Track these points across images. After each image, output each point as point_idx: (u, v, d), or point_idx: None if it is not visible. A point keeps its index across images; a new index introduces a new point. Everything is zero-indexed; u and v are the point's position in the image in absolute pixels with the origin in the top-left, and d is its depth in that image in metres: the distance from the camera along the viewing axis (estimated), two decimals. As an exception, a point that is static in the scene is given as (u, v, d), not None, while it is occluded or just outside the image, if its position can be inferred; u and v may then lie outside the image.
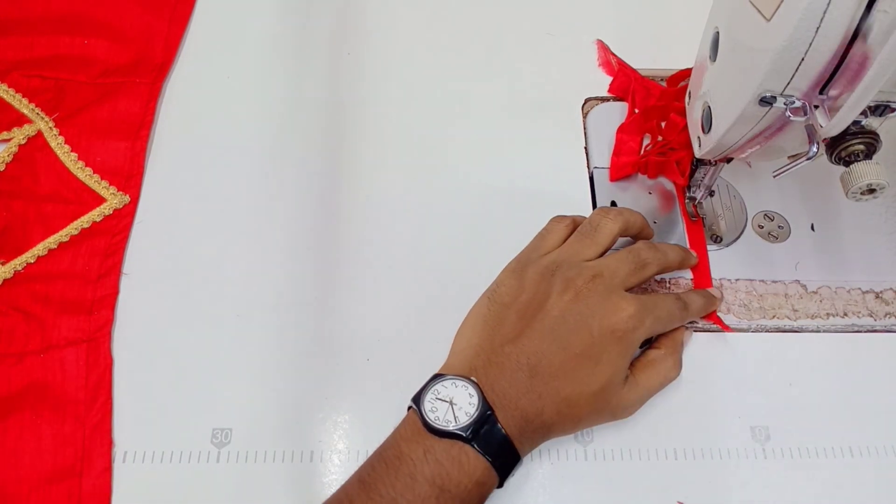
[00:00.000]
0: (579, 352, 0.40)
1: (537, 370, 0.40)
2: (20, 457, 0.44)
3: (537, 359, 0.40)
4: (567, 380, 0.40)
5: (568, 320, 0.41)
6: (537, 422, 0.40)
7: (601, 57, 0.61)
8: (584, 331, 0.41)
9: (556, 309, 0.42)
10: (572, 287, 0.42)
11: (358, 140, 0.56)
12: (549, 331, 0.41)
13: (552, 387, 0.40)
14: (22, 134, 0.55)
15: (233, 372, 0.47)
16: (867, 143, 0.37)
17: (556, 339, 0.41)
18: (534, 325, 0.41)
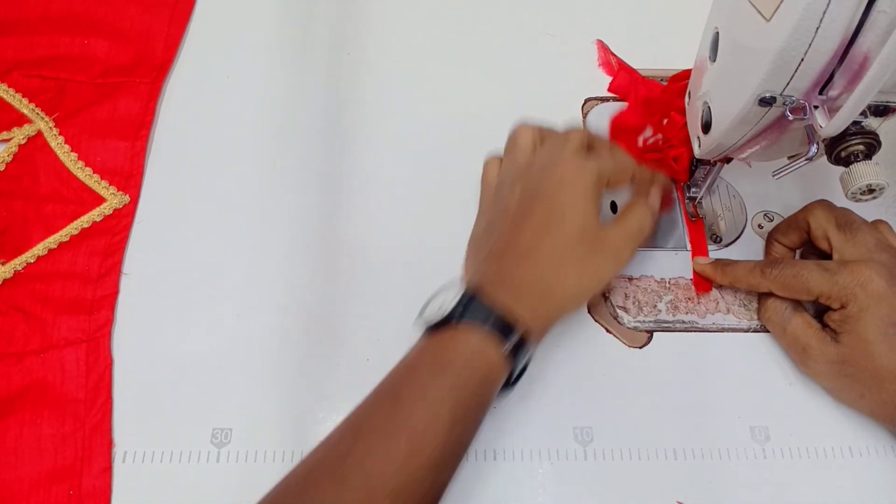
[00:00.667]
0: (544, 214, 0.43)
1: (513, 247, 0.43)
2: (20, 456, 0.44)
3: (510, 238, 0.43)
4: (544, 239, 0.42)
5: (524, 200, 0.45)
6: (529, 286, 0.42)
7: (601, 57, 0.61)
8: (541, 197, 0.44)
9: (515, 201, 0.45)
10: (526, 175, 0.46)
11: (358, 140, 0.56)
12: (515, 216, 0.44)
13: (533, 252, 0.42)
14: (22, 134, 0.55)
15: (233, 372, 0.47)
16: (867, 143, 0.37)
17: (521, 217, 0.44)
18: (505, 223, 0.45)
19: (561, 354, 0.48)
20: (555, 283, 0.42)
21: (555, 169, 0.44)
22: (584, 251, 0.43)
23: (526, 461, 0.45)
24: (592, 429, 0.46)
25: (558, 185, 0.44)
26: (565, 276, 0.42)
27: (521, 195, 0.45)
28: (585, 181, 0.43)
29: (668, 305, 0.50)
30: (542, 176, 0.45)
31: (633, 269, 0.51)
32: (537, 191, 0.44)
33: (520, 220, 0.44)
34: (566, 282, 0.42)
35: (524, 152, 0.48)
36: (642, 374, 0.48)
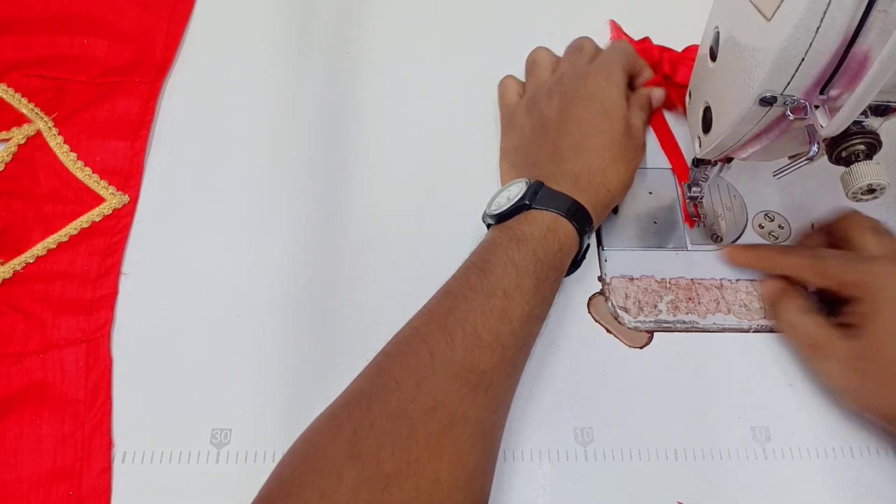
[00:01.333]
0: (590, 114, 0.48)
1: (565, 146, 0.48)
2: (20, 457, 0.44)
3: (560, 140, 0.48)
4: (595, 136, 0.48)
5: (565, 106, 0.50)
6: (588, 178, 0.46)
7: (613, 36, 0.61)
8: (581, 100, 0.49)
9: (555, 109, 0.50)
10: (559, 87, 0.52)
11: (358, 140, 0.56)
12: (559, 121, 0.49)
13: (587, 148, 0.47)
14: (21, 134, 0.55)
15: (232, 372, 0.47)
16: (867, 143, 0.37)
17: (567, 120, 0.49)
18: (549, 128, 0.50)
19: (561, 355, 0.48)
20: (610, 173, 0.47)
21: (587, 76, 0.50)
22: (629, 142, 0.48)
23: (526, 462, 0.45)
24: (593, 429, 0.46)
25: (595, 88, 0.49)
26: (618, 167, 0.47)
27: (559, 102, 0.50)
28: (616, 79, 0.50)
29: (668, 305, 0.50)
30: (576, 83, 0.50)
31: (634, 269, 0.51)
32: (576, 96, 0.49)
33: (566, 123, 0.48)
34: (619, 171, 0.47)
35: (547, 69, 0.55)
36: (643, 374, 0.48)
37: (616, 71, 0.50)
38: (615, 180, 0.47)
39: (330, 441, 0.37)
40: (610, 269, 0.51)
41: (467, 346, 0.39)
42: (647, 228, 0.53)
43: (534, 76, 0.55)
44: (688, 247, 0.52)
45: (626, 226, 0.53)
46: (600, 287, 0.51)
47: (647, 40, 0.60)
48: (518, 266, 0.42)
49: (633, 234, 0.52)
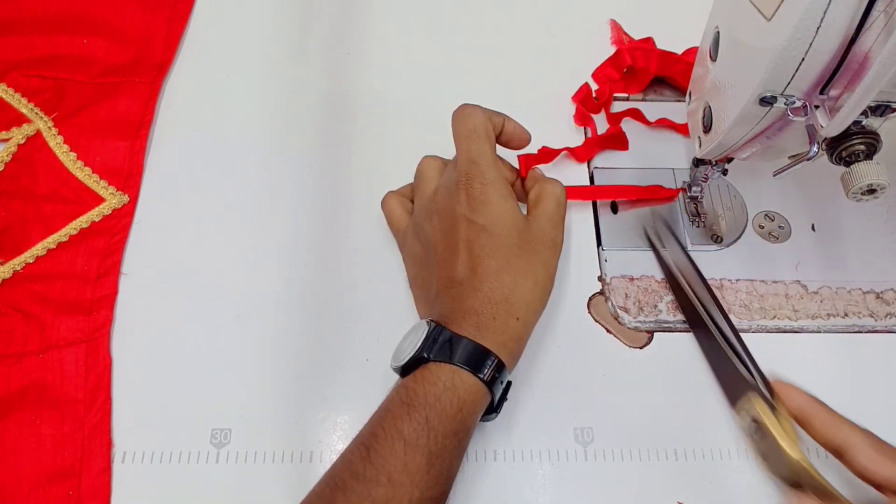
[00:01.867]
0: (470, 233, 0.42)
1: (457, 277, 0.42)
2: (19, 457, 0.44)
3: (450, 270, 0.42)
4: (484, 259, 0.41)
5: (445, 227, 0.44)
6: (489, 310, 0.40)
7: (614, 36, 0.61)
8: (459, 218, 0.43)
9: (438, 232, 0.44)
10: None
11: (358, 139, 0.56)
12: (444, 248, 0.43)
13: (479, 276, 0.41)
14: (21, 134, 0.55)
15: (232, 372, 0.47)
16: (868, 143, 0.37)
17: (451, 245, 0.43)
18: (438, 257, 0.44)
19: (561, 355, 0.48)
20: (515, 299, 0.41)
21: (458, 185, 0.43)
22: (526, 251, 0.42)
23: (526, 462, 0.45)
24: (593, 429, 0.46)
25: (470, 198, 0.42)
26: (522, 288, 0.41)
27: (439, 224, 0.44)
28: (491, 178, 0.43)
29: (668, 305, 0.50)
30: (450, 197, 0.43)
31: (634, 269, 0.51)
32: (454, 214, 0.43)
33: (452, 249, 0.42)
34: (525, 292, 0.41)
35: (430, 182, 0.47)
36: (643, 374, 0.48)
37: (487, 170, 0.43)
38: (523, 305, 0.41)
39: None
40: (610, 269, 0.51)
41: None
42: (648, 228, 0.53)
43: (419, 192, 0.48)
44: (688, 247, 0.52)
45: (626, 226, 0.53)
46: (600, 287, 0.51)
47: (650, 41, 0.60)
48: (407, 441, 0.36)
49: (633, 234, 0.52)
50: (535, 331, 0.48)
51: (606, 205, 0.54)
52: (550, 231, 0.44)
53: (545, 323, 0.49)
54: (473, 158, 0.44)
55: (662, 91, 0.59)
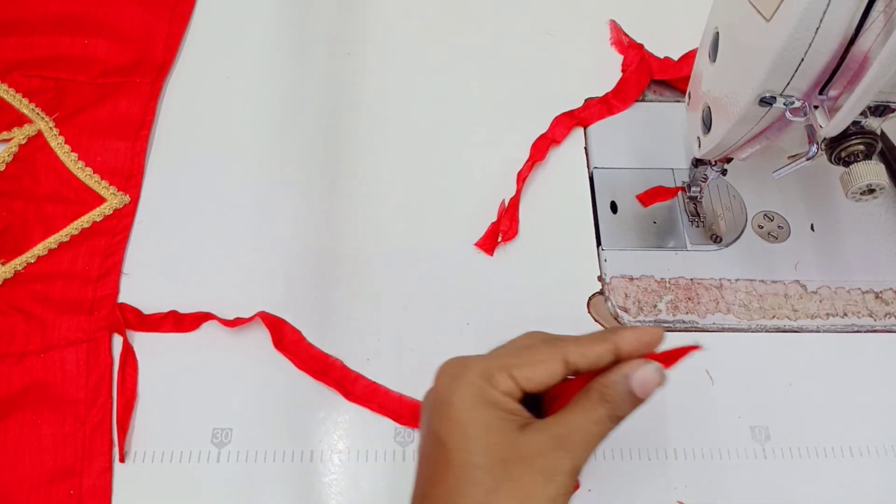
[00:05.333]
0: (429, 450, 0.33)
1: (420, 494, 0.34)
2: (20, 456, 0.44)
3: (416, 496, 0.35)
4: (436, 486, 0.32)
5: (421, 441, 0.35)
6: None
7: (613, 36, 0.61)
8: (427, 429, 0.34)
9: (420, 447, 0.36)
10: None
11: (358, 140, 0.56)
12: (417, 467, 0.35)
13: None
14: (22, 134, 0.55)
15: (233, 372, 0.47)
16: (867, 143, 0.37)
17: (419, 465, 0.35)
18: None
19: (561, 354, 0.48)
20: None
21: (434, 389, 0.34)
22: (493, 483, 0.31)
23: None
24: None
25: (433, 406, 0.33)
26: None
27: (420, 437, 0.35)
28: (463, 389, 0.32)
29: (668, 305, 0.50)
30: (428, 403, 0.34)
31: (634, 269, 0.51)
32: (425, 432, 0.34)
33: (418, 470, 0.34)
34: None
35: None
36: (642, 373, 0.47)
37: (468, 373, 0.32)
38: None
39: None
40: (610, 269, 0.51)
41: None
42: (647, 228, 0.53)
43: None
44: (687, 247, 0.52)
45: (626, 226, 0.53)
46: (600, 287, 0.51)
47: (640, 47, 0.60)
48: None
49: (633, 234, 0.53)
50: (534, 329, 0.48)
51: (606, 205, 0.54)
52: (551, 457, 0.31)
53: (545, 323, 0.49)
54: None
55: (662, 91, 0.59)
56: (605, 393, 0.32)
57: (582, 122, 0.57)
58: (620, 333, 0.33)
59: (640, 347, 0.33)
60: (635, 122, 0.58)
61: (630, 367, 0.33)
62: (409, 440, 0.45)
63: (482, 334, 0.48)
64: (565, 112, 0.57)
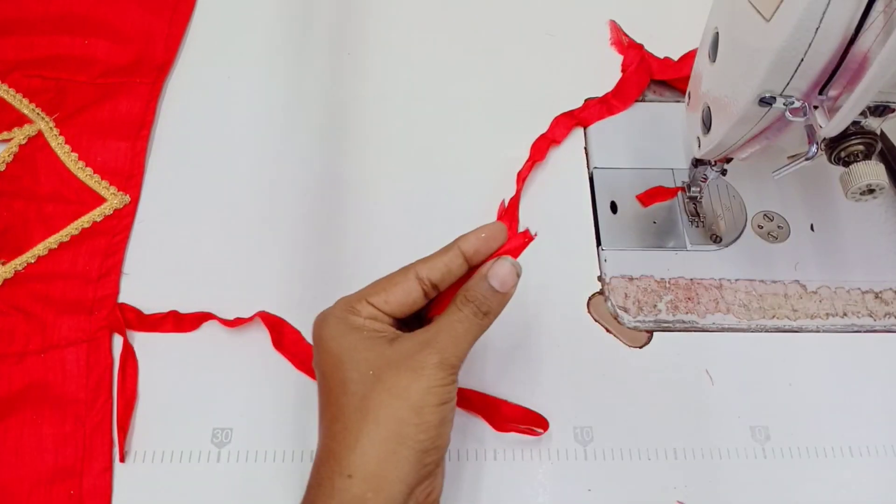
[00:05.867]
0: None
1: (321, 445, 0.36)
2: (21, 456, 0.44)
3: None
4: (324, 410, 0.36)
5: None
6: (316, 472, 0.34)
7: (613, 36, 0.61)
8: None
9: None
10: None
11: (359, 140, 0.56)
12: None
13: (324, 436, 0.35)
14: (22, 134, 0.55)
15: (233, 372, 0.47)
16: (867, 143, 0.37)
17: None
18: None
19: (561, 355, 0.48)
20: (339, 448, 0.33)
21: (312, 338, 0.37)
22: (366, 391, 0.33)
23: (526, 461, 0.45)
24: (593, 428, 0.46)
25: (314, 352, 0.37)
26: (351, 431, 0.33)
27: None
28: (330, 324, 0.36)
29: (668, 305, 0.50)
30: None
31: (634, 269, 0.51)
32: (316, 371, 0.37)
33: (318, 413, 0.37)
34: (354, 437, 0.33)
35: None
36: (642, 373, 0.48)
37: (333, 311, 0.37)
38: (355, 457, 0.33)
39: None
40: (609, 269, 0.51)
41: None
42: (647, 228, 0.53)
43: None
44: (687, 247, 0.52)
45: (626, 226, 0.53)
46: (600, 287, 0.51)
47: (640, 47, 0.60)
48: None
49: (633, 234, 0.53)
50: (535, 331, 0.48)
51: (606, 205, 0.54)
52: (419, 355, 0.34)
53: (545, 323, 0.49)
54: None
55: (662, 92, 0.59)
56: (467, 295, 0.36)
57: (582, 123, 0.57)
58: (460, 238, 0.37)
59: (482, 243, 0.37)
60: (635, 123, 0.58)
61: (485, 267, 0.37)
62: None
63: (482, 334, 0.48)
64: (565, 112, 0.57)
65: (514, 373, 0.47)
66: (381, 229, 0.52)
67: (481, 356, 0.48)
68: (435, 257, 0.37)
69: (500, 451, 0.45)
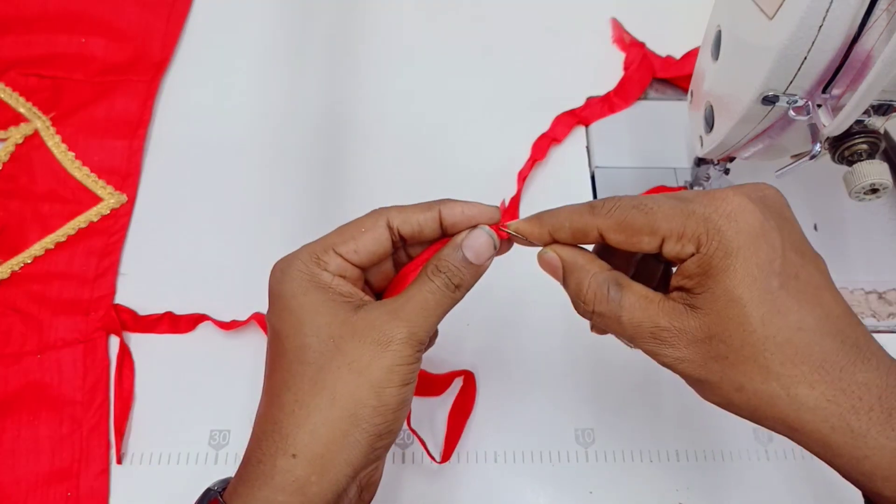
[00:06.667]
0: (269, 341, 0.33)
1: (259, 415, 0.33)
2: (17, 458, 0.44)
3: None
4: (271, 377, 0.32)
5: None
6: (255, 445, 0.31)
7: (615, 35, 0.61)
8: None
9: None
10: None
11: (357, 139, 0.56)
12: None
13: (269, 403, 0.32)
14: (19, 133, 0.55)
15: (231, 373, 0.47)
16: (870, 142, 0.37)
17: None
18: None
19: (562, 356, 0.48)
20: (286, 422, 0.30)
21: (269, 287, 0.33)
22: (324, 361, 0.30)
23: (527, 463, 0.44)
24: (594, 430, 0.45)
25: (269, 304, 0.33)
26: (302, 406, 0.30)
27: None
28: (291, 277, 0.32)
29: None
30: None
31: (635, 269, 0.51)
32: (269, 325, 0.33)
33: (265, 370, 0.33)
34: (305, 412, 0.30)
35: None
36: (644, 375, 0.47)
37: (295, 256, 0.33)
38: (302, 435, 0.30)
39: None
40: (611, 269, 0.51)
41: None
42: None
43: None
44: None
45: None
46: (601, 287, 0.50)
47: (642, 46, 0.60)
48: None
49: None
50: (536, 332, 0.48)
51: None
52: (385, 326, 0.31)
53: (545, 323, 0.49)
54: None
55: (664, 90, 0.59)
56: (439, 265, 0.32)
57: (583, 121, 0.57)
58: (446, 202, 0.34)
59: (465, 220, 0.33)
60: (637, 121, 0.57)
61: (460, 236, 0.33)
62: (409, 441, 0.45)
63: (482, 334, 0.48)
64: (567, 111, 0.57)
65: (513, 374, 0.47)
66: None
67: (482, 356, 0.47)
68: (411, 210, 0.33)
69: (502, 453, 0.45)
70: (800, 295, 0.29)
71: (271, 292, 0.32)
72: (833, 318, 0.29)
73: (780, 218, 0.30)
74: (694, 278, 0.29)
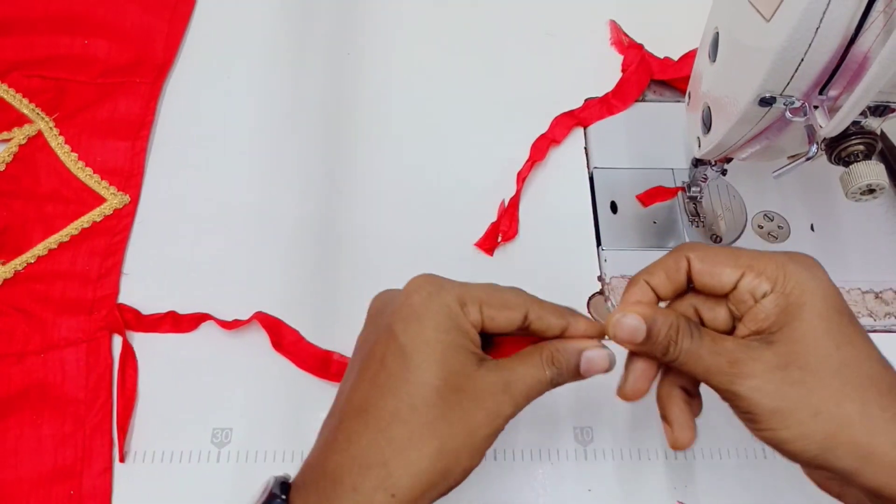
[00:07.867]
0: (380, 362, 0.33)
1: (338, 421, 0.33)
2: (20, 457, 0.44)
3: (339, 406, 0.34)
4: (379, 401, 0.32)
5: (361, 351, 0.36)
6: (353, 474, 0.30)
7: (613, 36, 0.61)
8: (380, 340, 0.34)
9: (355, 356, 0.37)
10: None
11: (358, 140, 0.56)
12: (349, 375, 0.36)
13: (363, 422, 0.31)
14: (22, 134, 0.55)
15: (233, 371, 0.47)
16: (867, 143, 0.37)
17: (353, 374, 0.35)
18: (342, 386, 0.36)
19: (561, 354, 0.48)
20: (395, 460, 0.30)
21: (397, 303, 0.34)
22: (444, 408, 0.31)
23: (526, 461, 0.45)
24: (593, 429, 0.46)
25: (402, 315, 0.33)
26: (412, 449, 0.30)
27: (369, 338, 0.35)
28: (437, 308, 0.32)
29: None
30: (383, 315, 0.35)
31: (634, 269, 0.51)
32: (377, 335, 0.34)
33: (352, 378, 0.33)
34: (414, 456, 0.30)
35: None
36: (642, 373, 0.47)
37: (443, 297, 0.33)
38: (405, 478, 0.30)
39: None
40: (610, 269, 0.51)
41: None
42: (647, 228, 0.53)
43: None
44: (687, 245, 0.52)
45: (626, 226, 0.53)
46: (600, 287, 0.51)
47: (640, 47, 0.60)
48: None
49: (633, 234, 0.53)
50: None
51: (606, 205, 0.54)
52: (498, 395, 0.32)
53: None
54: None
55: (662, 91, 0.59)
56: (555, 357, 0.33)
57: (582, 122, 0.57)
58: (577, 319, 0.35)
59: (589, 328, 0.35)
60: (635, 122, 0.58)
61: (586, 344, 0.34)
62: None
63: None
64: (565, 112, 0.57)
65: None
66: (380, 230, 0.52)
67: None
68: (548, 312, 0.34)
69: (501, 451, 0.45)
70: (861, 330, 0.32)
71: (412, 310, 0.33)
72: (879, 354, 0.32)
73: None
74: (771, 317, 0.32)
